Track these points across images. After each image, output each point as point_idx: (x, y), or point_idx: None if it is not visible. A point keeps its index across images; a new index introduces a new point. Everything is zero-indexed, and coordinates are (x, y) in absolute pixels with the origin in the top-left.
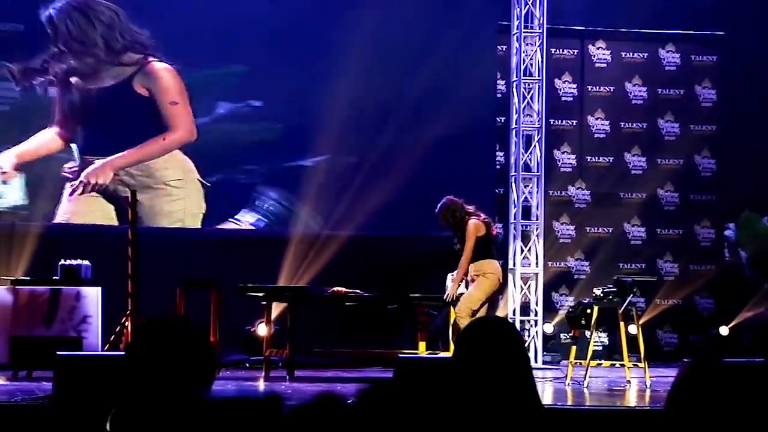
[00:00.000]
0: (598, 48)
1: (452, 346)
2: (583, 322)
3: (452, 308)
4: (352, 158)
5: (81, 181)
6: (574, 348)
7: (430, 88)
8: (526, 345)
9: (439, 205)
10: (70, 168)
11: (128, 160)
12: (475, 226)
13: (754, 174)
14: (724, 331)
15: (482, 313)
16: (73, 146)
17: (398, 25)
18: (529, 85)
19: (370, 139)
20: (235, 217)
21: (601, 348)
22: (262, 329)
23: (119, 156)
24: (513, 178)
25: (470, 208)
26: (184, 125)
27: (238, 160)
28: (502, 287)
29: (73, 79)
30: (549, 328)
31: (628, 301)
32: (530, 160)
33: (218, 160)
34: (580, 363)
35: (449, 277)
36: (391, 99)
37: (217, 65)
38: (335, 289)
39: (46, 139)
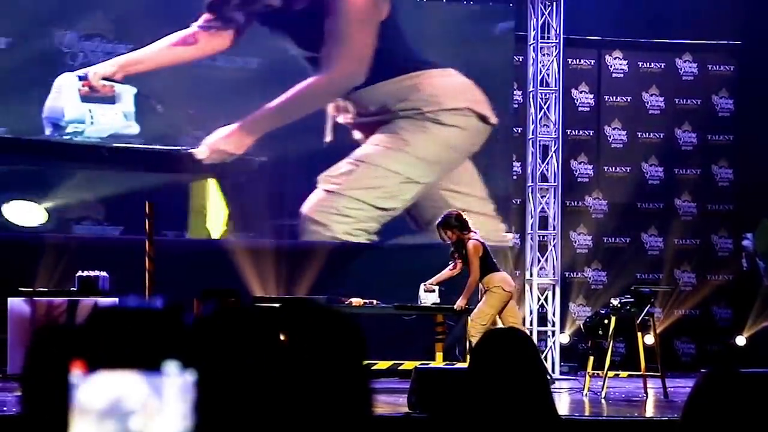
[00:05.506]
0: (615, 58)
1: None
2: (600, 332)
3: (468, 319)
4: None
5: None
6: (591, 358)
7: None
8: (543, 355)
9: (441, 218)
10: None
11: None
12: (475, 247)
13: None
14: (741, 341)
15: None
16: None
17: (415, 37)
18: (546, 95)
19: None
20: None
21: (618, 358)
22: (286, 338)
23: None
24: (530, 188)
25: (469, 223)
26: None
27: None
28: (511, 294)
29: None
30: (566, 338)
31: (645, 311)
32: (547, 170)
33: None
34: (598, 373)
35: (422, 287)
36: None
37: None
38: (352, 299)
39: (163, 48)
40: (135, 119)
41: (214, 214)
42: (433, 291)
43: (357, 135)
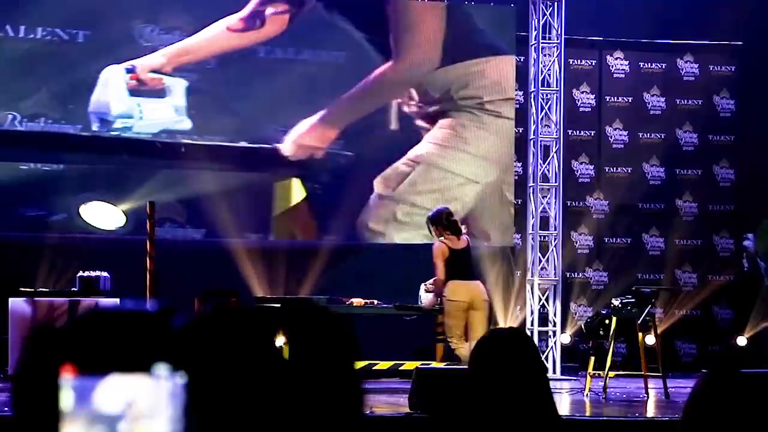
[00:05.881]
0: (616, 58)
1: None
2: (601, 332)
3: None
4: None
5: None
6: (592, 359)
7: None
8: (544, 356)
9: (433, 213)
10: None
11: None
12: (436, 250)
13: None
14: (742, 341)
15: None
16: None
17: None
18: (547, 95)
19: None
20: None
21: (619, 359)
22: (279, 340)
23: None
24: (531, 188)
25: (452, 221)
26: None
27: None
28: (461, 304)
29: None
30: (567, 338)
31: (646, 311)
32: (548, 170)
33: None
34: (599, 374)
35: (422, 287)
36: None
37: None
38: (353, 300)
39: (215, 35)
40: (186, 114)
41: (300, 215)
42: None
43: (420, 123)
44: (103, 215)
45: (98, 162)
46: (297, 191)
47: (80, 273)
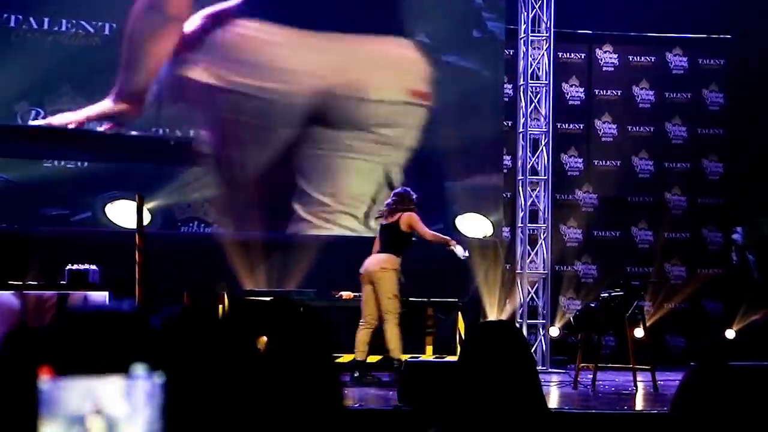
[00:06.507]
0: (605, 52)
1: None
2: (590, 325)
3: (460, 312)
4: None
5: None
6: (581, 352)
7: (437, 92)
8: (533, 349)
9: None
10: None
11: None
12: (415, 218)
13: (762, 177)
14: (731, 334)
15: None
16: None
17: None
18: (536, 89)
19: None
20: None
21: (608, 351)
22: (257, 338)
23: None
24: (520, 182)
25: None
26: None
27: None
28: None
29: None
30: (556, 331)
31: (635, 304)
32: (537, 164)
33: None
34: (587, 367)
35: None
36: None
37: None
38: (342, 293)
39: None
40: None
41: None
42: (457, 245)
43: None
44: (129, 214)
45: (121, 160)
46: None
47: (69, 266)
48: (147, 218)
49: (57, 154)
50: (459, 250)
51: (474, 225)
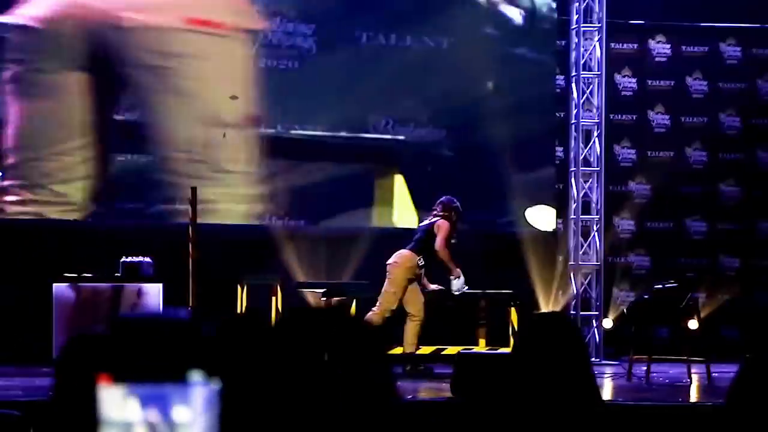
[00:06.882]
0: (658, 42)
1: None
2: (643, 317)
3: (512, 304)
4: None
5: None
6: (634, 344)
7: (490, 84)
8: (586, 340)
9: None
10: None
11: None
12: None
13: None
14: None
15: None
16: None
17: (461, 24)
18: (588, 79)
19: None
20: None
21: (662, 343)
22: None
23: None
24: (572, 173)
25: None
26: None
27: None
28: None
29: None
30: (609, 323)
31: (689, 296)
32: (590, 155)
33: None
34: (641, 358)
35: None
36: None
37: None
38: None
39: None
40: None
41: (401, 205)
42: (459, 277)
43: None
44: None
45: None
46: (398, 180)
47: (123, 258)
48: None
49: (131, 148)
50: (456, 284)
51: (542, 216)
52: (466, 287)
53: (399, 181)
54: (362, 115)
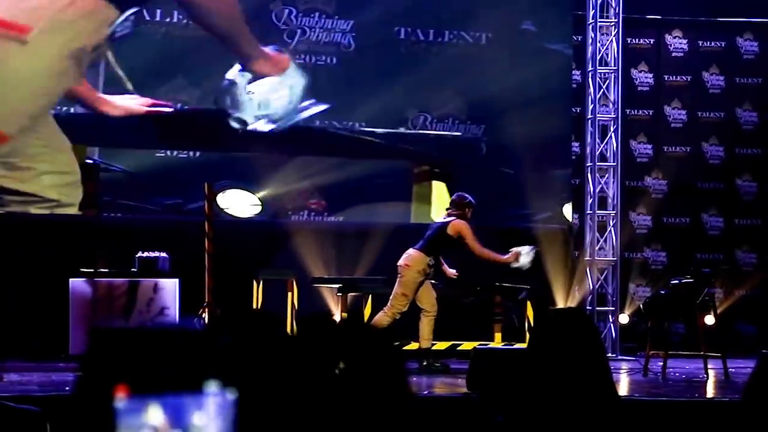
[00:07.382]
0: (674, 37)
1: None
2: (660, 312)
3: (529, 300)
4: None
5: None
6: (651, 339)
7: (507, 80)
8: (603, 336)
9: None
10: None
11: None
12: (465, 226)
13: None
14: None
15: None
16: None
17: (478, 20)
18: (605, 75)
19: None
20: None
21: (678, 339)
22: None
23: None
24: (589, 168)
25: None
26: None
27: None
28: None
29: None
30: (625, 318)
31: (705, 291)
32: (606, 150)
33: None
34: (657, 354)
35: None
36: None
37: None
38: None
39: None
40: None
41: (438, 200)
42: (517, 260)
43: None
44: (240, 203)
45: (233, 150)
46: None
47: (139, 253)
48: (258, 208)
49: (169, 144)
50: (525, 261)
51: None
52: (533, 252)
53: (436, 177)
54: (400, 111)
